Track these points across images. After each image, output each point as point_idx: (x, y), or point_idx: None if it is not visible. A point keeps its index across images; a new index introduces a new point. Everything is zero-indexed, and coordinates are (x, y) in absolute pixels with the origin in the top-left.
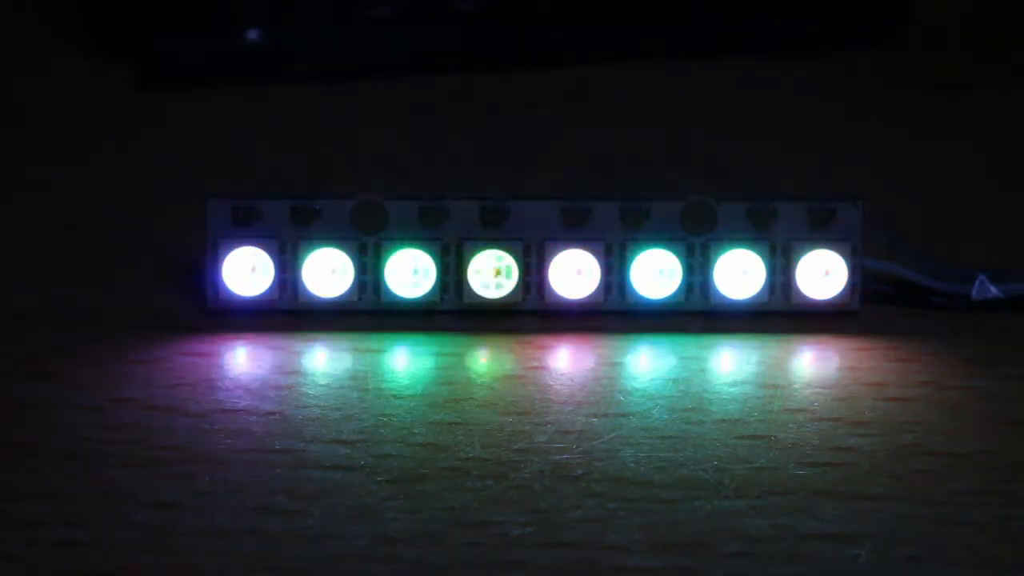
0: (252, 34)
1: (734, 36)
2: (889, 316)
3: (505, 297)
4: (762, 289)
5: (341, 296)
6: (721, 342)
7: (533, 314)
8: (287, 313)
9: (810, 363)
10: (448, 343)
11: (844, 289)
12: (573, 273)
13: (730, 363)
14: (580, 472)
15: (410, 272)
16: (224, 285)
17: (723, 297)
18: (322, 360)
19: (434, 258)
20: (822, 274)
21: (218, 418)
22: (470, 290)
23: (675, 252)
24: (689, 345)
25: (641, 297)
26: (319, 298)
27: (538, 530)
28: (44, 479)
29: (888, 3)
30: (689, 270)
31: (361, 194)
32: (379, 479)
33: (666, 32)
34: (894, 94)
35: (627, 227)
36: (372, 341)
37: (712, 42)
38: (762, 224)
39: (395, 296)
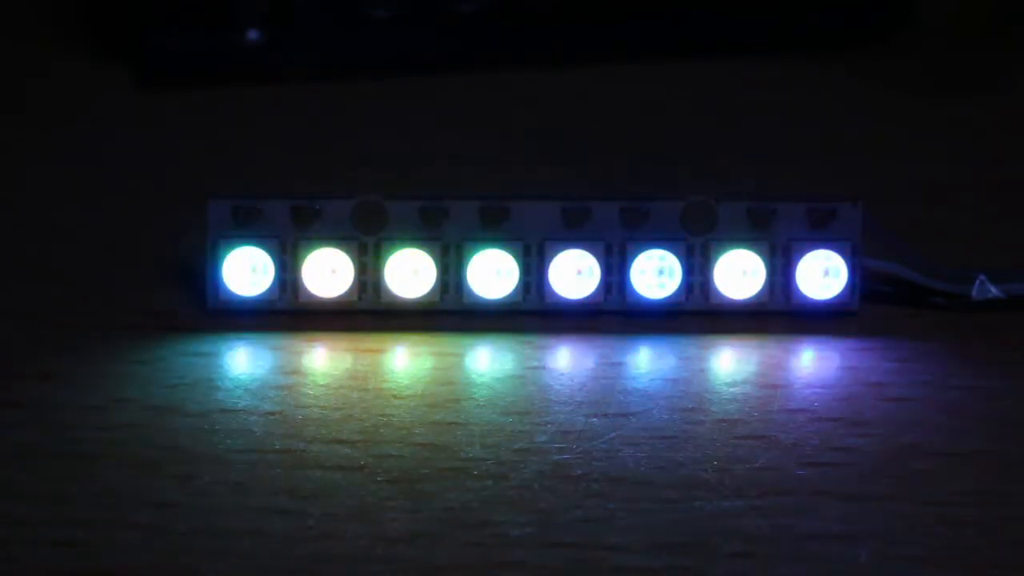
0: (252, 34)
1: (734, 36)
2: (889, 316)
3: (504, 297)
4: (762, 289)
5: (341, 296)
6: (721, 342)
7: (533, 314)
8: (287, 313)
9: (810, 363)
10: (448, 343)
11: (844, 289)
12: (573, 273)
13: (730, 363)
14: (580, 472)
15: (410, 272)
16: (224, 285)
17: (723, 297)
18: (322, 360)
19: (434, 258)
20: (822, 274)
21: (218, 418)
22: (470, 290)
23: (675, 252)
24: (689, 345)
25: (641, 297)
26: (319, 298)
27: (538, 530)
28: (44, 479)
29: (888, 3)
30: (689, 270)
31: (361, 194)
32: (379, 479)
33: (666, 32)
34: (894, 94)
35: (627, 227)
36: (372, 341)
37: (712, 42)
38: (762, 224)
39: (395, 296)
